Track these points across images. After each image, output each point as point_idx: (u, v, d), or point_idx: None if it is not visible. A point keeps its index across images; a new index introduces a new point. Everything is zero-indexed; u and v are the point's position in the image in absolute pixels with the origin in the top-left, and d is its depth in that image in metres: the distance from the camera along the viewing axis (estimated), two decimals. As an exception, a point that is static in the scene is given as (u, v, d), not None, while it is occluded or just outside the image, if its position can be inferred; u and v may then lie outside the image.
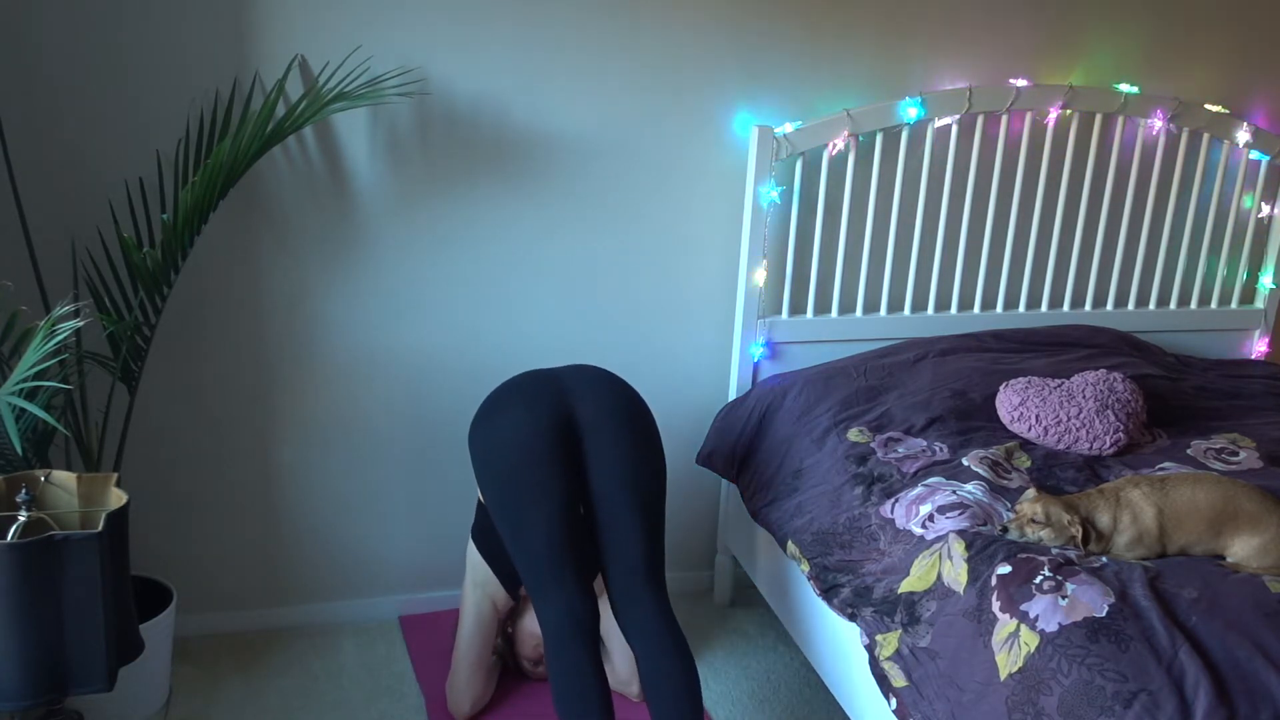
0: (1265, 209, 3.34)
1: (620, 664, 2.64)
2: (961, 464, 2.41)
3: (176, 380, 2.67)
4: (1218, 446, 2.56)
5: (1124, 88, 3.07)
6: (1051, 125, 3.04)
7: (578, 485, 2.29)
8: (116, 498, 1.95)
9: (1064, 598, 1.90)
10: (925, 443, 2.53)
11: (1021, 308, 3.18)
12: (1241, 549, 2.09)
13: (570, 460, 2.27)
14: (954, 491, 2.28)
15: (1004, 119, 2.99)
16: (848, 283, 3.03)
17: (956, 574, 2.06)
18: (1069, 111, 3.03)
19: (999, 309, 3.16)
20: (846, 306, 3.04)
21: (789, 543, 2.49)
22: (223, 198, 2.34)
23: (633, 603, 2.29)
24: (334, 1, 2.51)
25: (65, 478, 1.97)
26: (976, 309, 3.14)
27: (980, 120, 2.97)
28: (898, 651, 2.08)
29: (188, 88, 2.48)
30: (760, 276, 2.91)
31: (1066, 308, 3.23)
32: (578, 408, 2.30)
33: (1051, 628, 1.86)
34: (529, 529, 2.24)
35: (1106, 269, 3.24)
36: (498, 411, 2.32)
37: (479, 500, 2.59)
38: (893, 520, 2.29)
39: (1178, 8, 3.09)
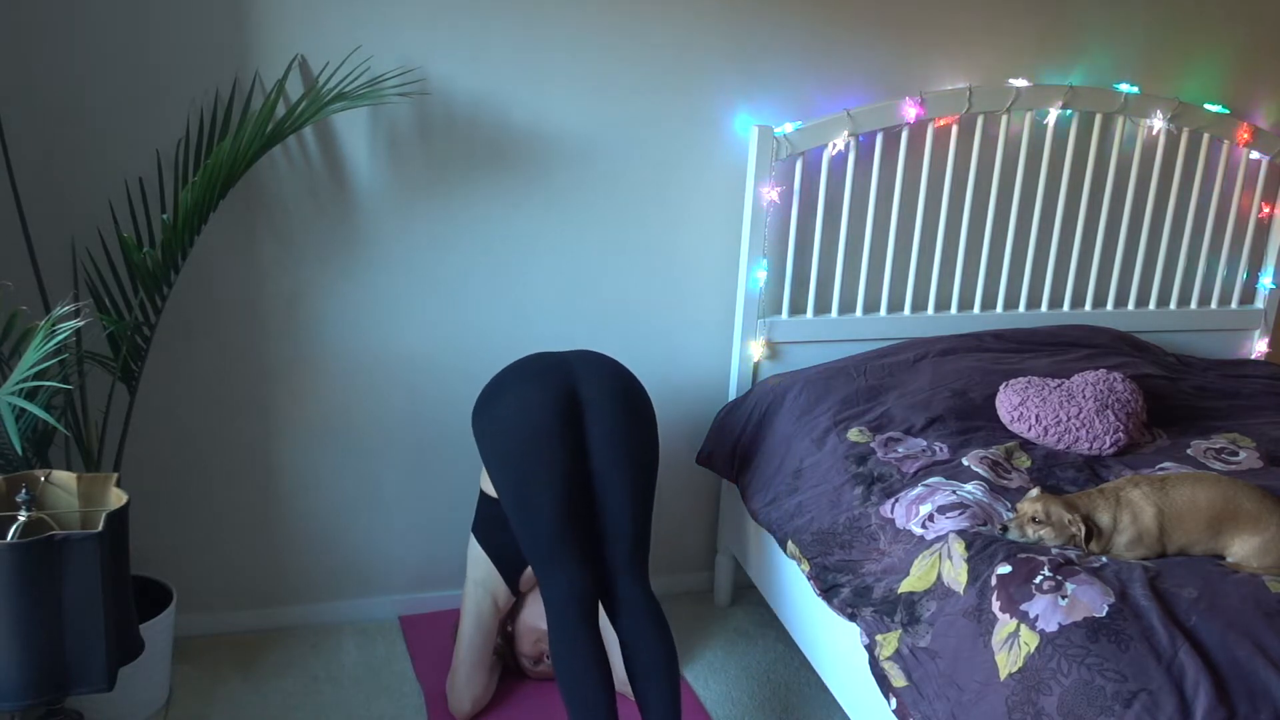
0: (1265, 209, 3.34)
1: (620, 664, 2.64)
2: (961, 464, 2.41)
3: (177, 380, 2.67)
4: (1218, 446, 2.56)
5: (1124, 88, 3.07)
6: (1051, 125, 3.04)
7: (582, 463, 2.31)
8: (116, 498, 1.95)
9: (1064, 597, 1.90)
10: (925, 443, 2.53)
11: (1021, 308, 3.18)
12: (1241, 549, 2.09)
13: (575, 438, 2.30)
14: (954, 491, 2.28)
15: (1004, 119, 2.99)
16: (848, 283, 3.03)
17: (956, 574, 2.06)
18: (1069, 111, 3.04)
19: (999, 309, 3.16)
20: (846, 306, 3.04)
21: (789, 543, 2.49)
22: (223, 198, 2.34)
23: (618, 575, 2.35)
24: (334, 1, 2.51)
25: (65, 478, 1.97)
26: (976, 309, 3.14)
27: (980, 120, 2.97)
28: (898, 651, 2.08)
29: (188, 88, 2.48)
30: (760, 276, 2.91)
31: (1066, 308, 3.23)
32: (581, 388, 2.33)
33: (1051, 627, 1.86)
34: (535, 505, 2.27)
35: (1106, 269, 3.24)
36: (506, 389, 2.35)
37: (480, 494, 2.60)
38: (893, 520, 2.29)
39: (1178, 8, 3.09)
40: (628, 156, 2.80)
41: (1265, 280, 3.40)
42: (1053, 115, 3.03)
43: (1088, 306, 3.24)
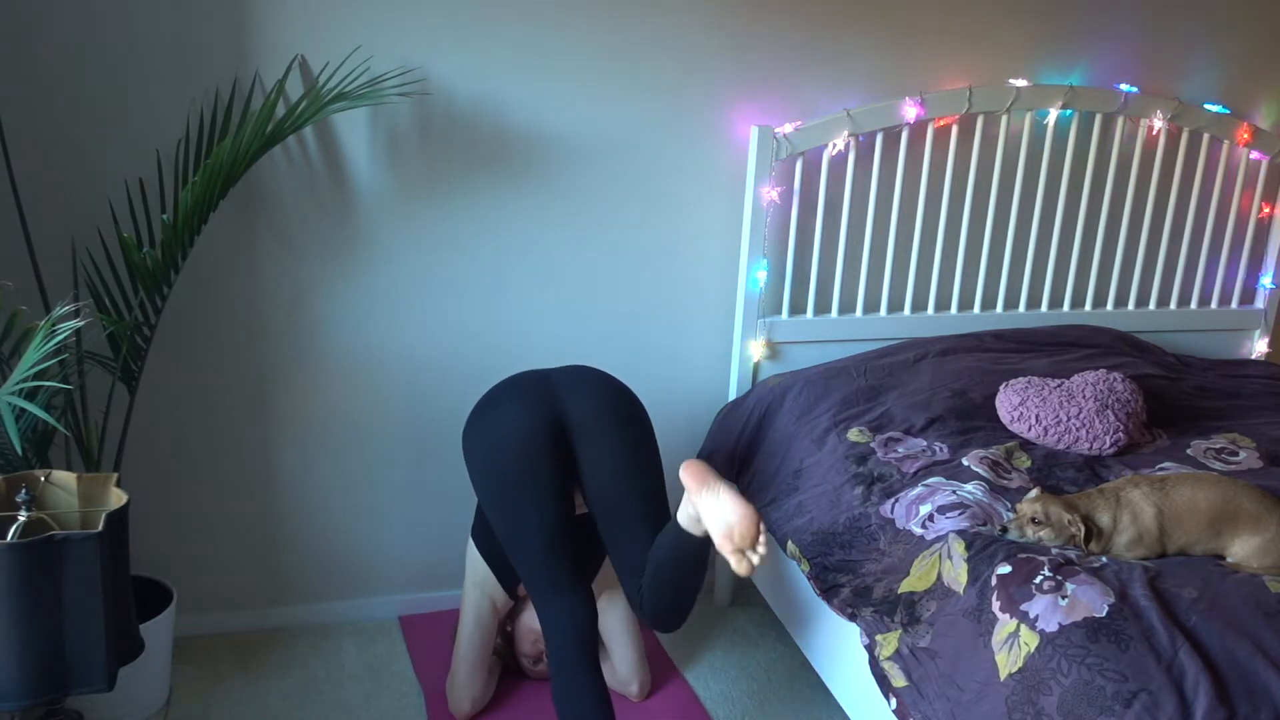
0: (1265, 209, 3.34)
1: (620, 664, 2.65)
2: (961, 464, 2.41)
3: (176, 380, 2.67)
4: (1218, 446, 2.56)
5: (1124, 88, 3.07)
6: (1051, 125, 3.04)
7: (571, 486, 2.29)
8: (116, 498, 1.95)
9: (1064, 597, 1.90)
10: (925, 443, 2.53)
11: (1021, 308, 3.18)
12: (1241, 549, 2.09)
13: (563, 462, 2.28)
14: (954, 491, 2.28)
15: (1004, 119, 2.99)
16: (848, 283, 3.03)
17: (956, 574, 2.06)
18: (1069, 111, 3.03)
19: (999, 309, 3.16)
20: (846, 306, 3.04)
21: (789, 542, 2.49)
22: (223, 198, 2.34)
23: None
24: (334, 1, 2.51)
25: (65, 478, 1.97)
26: (976, 309, 3.14)
27: (980, 120, 2.97)
28: (898, 651, 2.08)
29: (188, 88, 2.48)
30: (760, 276, 2.91)
31: (1066, 308, 3.23)
32: (569, 409, 2.30)
33: (1051, 628, 1.86)
34: (525, 533, 2.25)
35: (1106, 269, 3.24)
36: (489, 414, 2.32)
37: (479, 499, 2.60)
38: (893, 520, 2.29)
39: (1178, 8, 3.09)
40: (628, 156, 2.80)
41: (1265, 280, 3.39)
42: (1053, 115, 3.03)
43: (1088, 306, 3.24)
